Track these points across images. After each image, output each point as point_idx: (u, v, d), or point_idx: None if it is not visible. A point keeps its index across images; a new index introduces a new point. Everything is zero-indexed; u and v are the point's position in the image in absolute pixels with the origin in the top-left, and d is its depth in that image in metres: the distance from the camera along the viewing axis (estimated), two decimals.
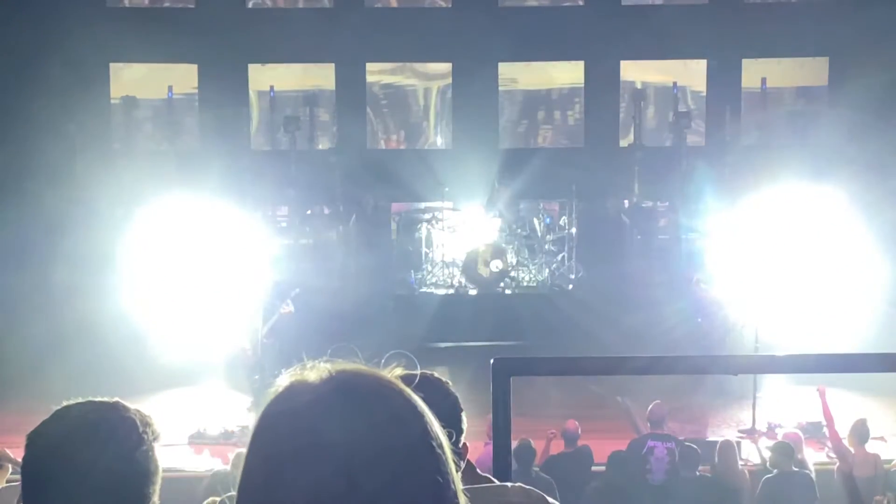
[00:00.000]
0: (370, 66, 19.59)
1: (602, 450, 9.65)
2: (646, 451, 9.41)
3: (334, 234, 17.92)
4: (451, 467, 1.25)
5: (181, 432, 11.28)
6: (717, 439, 10.15)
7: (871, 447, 9.43)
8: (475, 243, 16.60)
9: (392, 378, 1.28)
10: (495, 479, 2.58)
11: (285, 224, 18.08)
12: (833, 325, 12.07)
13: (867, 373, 7.80)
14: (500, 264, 16.33)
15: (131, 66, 18.96)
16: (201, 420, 11.80)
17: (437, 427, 1.25)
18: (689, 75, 19.58)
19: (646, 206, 18.61)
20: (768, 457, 9.18)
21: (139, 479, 1.99)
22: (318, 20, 19.04)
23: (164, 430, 2.08)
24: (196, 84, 19.27)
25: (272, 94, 19.49)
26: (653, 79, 19.76)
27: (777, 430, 11.02)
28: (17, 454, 2.02)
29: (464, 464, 2.35)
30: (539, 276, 16.91)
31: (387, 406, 1.24)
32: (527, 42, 18.75)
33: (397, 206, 18.75)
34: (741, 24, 18.91)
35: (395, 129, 20.26)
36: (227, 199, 14.68)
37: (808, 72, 19.48)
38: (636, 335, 13.96)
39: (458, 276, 16.79)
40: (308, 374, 1.26)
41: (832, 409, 9.40)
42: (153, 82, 19.15)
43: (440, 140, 20.20)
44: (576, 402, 11.88)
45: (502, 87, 19.74)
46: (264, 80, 19.52)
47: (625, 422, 12.11)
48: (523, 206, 17.35)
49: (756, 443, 10.97)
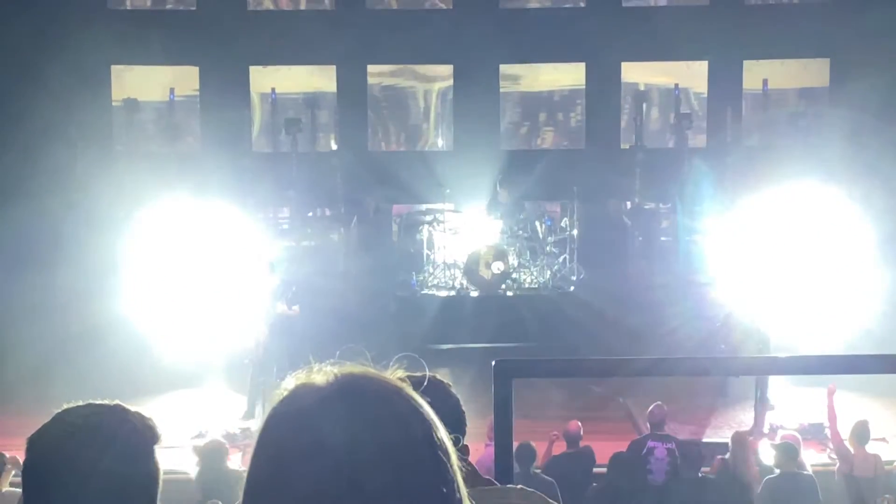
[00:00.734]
0: (371, 69, 19.59)
1: (604, 451, 9.64)
2: (646, 451, 9.41)
3: (335, 235, 17.93)
4: (457, 472, 1.25)
5: (183, 434, 11.28)
6: (718, 440, 10.15)
7: (872, 448, 9.42)
8: (477, 245, 16.58)
9: (398, 382, 1.28)
10: (496, 482, 2.58)
11: (287, 226, 18.09)
12: (835, 325, 12.07)
13: (868, 374, 7.80)
14: (501, 266, 16.31)
15: (132, 69, 18.96)
16: (203, 422, 11.80)
17: (442, 432, 1.25)
18: (691, 77, 19.57)
19: (647, 208, 18.61)
20: (773, 457, 9.17)
21: (140, 482, 1.99)
22: (319, 22, 19.04)
23: (166, 432, 2.08)
24: (197, 86, 19.27)
25: (273, 96, 19.50)
26: (654, 80, 19.75)
27: (778, 432, 11.02)
28: (20, 456, 2.02)
29: (466, 466, 2.35)
30: (540, 278, 16.90)
31: (391, 409, 1.24)
32: (528, 44, 18.74)
33: (398, 208, 18.74)
34: (742, 26, 18.91)
35: (396, 131, 20.26)
36: (228, 200, 14.70)
37: (810, 73, 19.47)
38: (638, 337, 13.96)
39: (460, 277, 16.77)
40: (314, 377, 1.27)
41: (836, 410, 9.40)
42: (154, 84, 19.16)
43: (441, 142, 20.20)
44: (577, 403, 11.87)
45: (503, 89, 19.73)
46: (266, 82, 19.52)
47: (626, 423, 12.10)
48: (524, 207, 17.33)
49: (758, 444, 10.96)
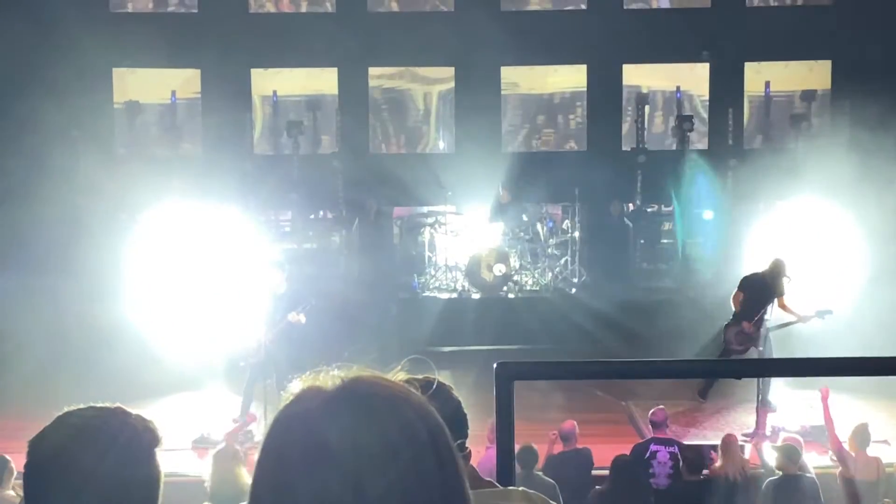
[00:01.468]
0: (372, 71, 19.60)
1: (606, 454, 9.63)
2: (648, 455, 9.40)
3: (337, 238, 17.94)
4: (463, 477, 1.25)
5: (185, 437, 11.28)
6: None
7: (874, 451, 9.40)
8: (478, 247, 16.59)
9: (405, 386, 1.28)
10: (498, 484, 2.57)
11: (288, 228, 18.11)
12: (837, 328, 12.05)
13: (867, 376, 7.79)
14: (503, 268, 16.31)
15: (134, 71, 18.98)
16: (205, 424, 11.79)
17: (448, 436, 1.25)
18: (692, 79, 19.57)
19: (649, 210, 18.62)
20: (775, 458, 9.15)
21: (141, 485, 1.99)
22: (320, 25, 19.05)
23: (168, 434, 2.08)
24: (199, 89, 19.29)
25: (275, 98, 19.51)
26: (655, 82, 19.75)
27: (780, 434, 11.00)
28: (21, 459, 2.02)
29: (468, 469, 2.35)
30: (542, 280, 16.90)
31: (397, 414, 1.24)
32: (529, 46, 18.74)
33: (400, 211, 18.75)
34: (744, 28, 18.91)
35: (397, 134, 20.26)
36: (230, 203, 14.72)
37: (812, 75, 19.47)
38: (639, 339, 13.96)
39: (462, 280, 16.78)
40: (321, 381, 1.27)
41: (834, 413, 9.38)
42: (156, 87, 19.17)
43: (443, 144, 20.20)
44: (579, 406, 11.86)
45: (504, 91, 19.74)
46: (267, 84, 19.53)
47: (628, 426, 12.09)
48: (526, 210, 17.34)
49: (759, 446, 10.94)
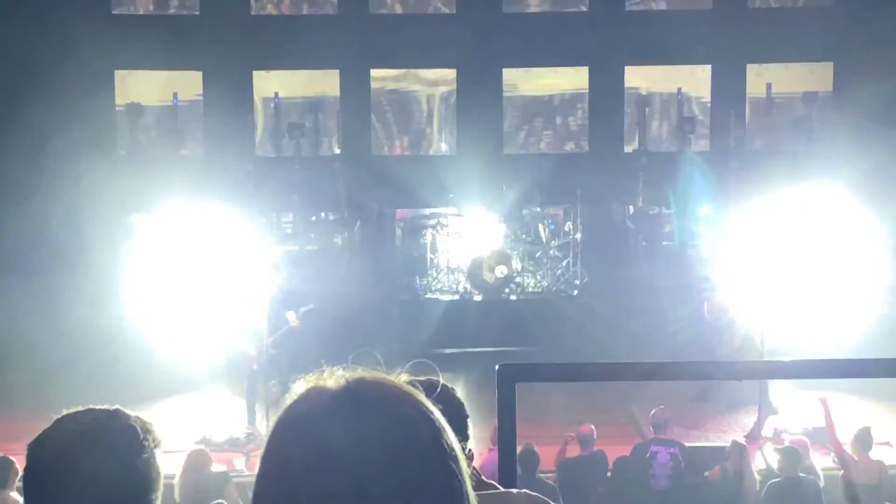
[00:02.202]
0: (374, 73, 19.61)
1: (608, 455, 9.64)
2: (649, 456, 9.39)
3: (339, 240, 17.94)
4: (466, 479, 1.24)
5: (186, 438, 11.28)
6: (721, 444, 10.13)
7: (877, 453, 9.40)
8: (480, 249, 16.58)
9: (409, 387, 1.28)
10: (500, 486, 2.57)
11: (290, 230, 18.10)
12: (839, 330, 12.04)
13: (873, 378, 7.77)
14: (504, 270, 16.31)
15: (136, 73, 19.00)
16: (206, 426, 11.80)
17: (451, 437, 1.25)
18: (694, 81, 19.57)
19: (651, 212, 18.60)
20: (776, 461, 9.15)
21: (140, 487, 1.99)
22: (322, 27, 19.06)
23: (169, 436, 2.08)
24: (201, 91, 19.30)
25: (277, 100, 19.51)
26: (657, 84, 19.74)
27: (783, 436, 11.00)
28: (23, 462, 2.01)
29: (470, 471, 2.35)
30: (544, 282, 16.89)
31: (400, 415, 1.23)
32: (531, 48, 18.76)
33: (402, 212, 18.75)
34: (746, 30, 18.91)
35: (399, 135, 20.26)
36: (231, 205, 14.69)
37: (813, 77, 19.46)
38: (641, 340, 13.95)
39: (463, 281, 16.77)
40: (325, 381, 1.27)
41: (836, 416, 9.37)
42: (158, 89, 19.19)
43: (444, 146, 20.20)
44: (581, 407, 11.85)
45: (506, 93, 19.74)
46: (269, 86, 19.55)
47: (630, 427, 12.09)
48: (528, 211, 17.33)
49: (761, 448, 10.94)
